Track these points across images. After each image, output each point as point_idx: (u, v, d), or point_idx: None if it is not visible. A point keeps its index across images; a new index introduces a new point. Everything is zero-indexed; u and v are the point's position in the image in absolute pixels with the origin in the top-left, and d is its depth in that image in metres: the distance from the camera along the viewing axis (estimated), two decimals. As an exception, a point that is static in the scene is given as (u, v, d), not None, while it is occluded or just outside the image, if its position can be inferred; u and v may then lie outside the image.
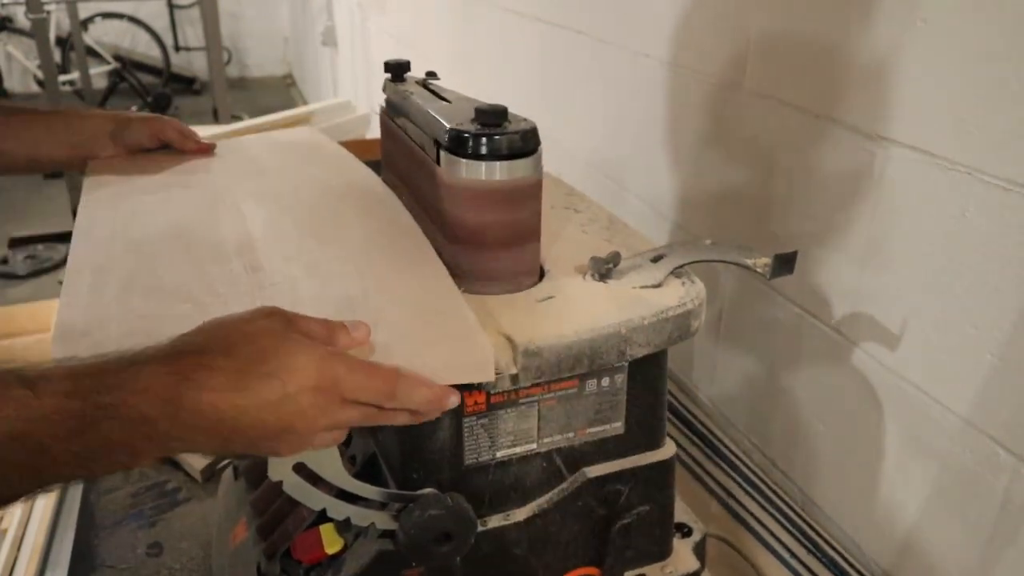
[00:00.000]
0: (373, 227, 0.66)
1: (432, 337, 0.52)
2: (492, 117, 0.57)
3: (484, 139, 0.56)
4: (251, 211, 0.68)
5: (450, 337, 0.52)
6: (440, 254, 0.62)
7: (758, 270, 0.60)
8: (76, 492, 0.96)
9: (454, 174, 0.58)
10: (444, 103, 0.65)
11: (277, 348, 0.45)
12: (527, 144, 0.57)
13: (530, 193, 0.59)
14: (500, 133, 0.56)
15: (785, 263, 0.60)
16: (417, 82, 0.74)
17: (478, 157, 0.56)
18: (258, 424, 0.44)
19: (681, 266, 0.62)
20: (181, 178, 0.77)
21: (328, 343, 0.48)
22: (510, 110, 0.58)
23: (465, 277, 0.60)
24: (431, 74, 0.76)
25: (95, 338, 0.49)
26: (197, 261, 0.59)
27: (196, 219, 0.66)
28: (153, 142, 0.82)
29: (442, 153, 0.58)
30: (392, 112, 0.75)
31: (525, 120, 0.58)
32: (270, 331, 0.45)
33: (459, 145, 0.56)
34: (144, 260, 0.59)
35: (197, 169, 0.79)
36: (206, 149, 0.84)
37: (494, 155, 0.56)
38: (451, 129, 0.57)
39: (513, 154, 0.56)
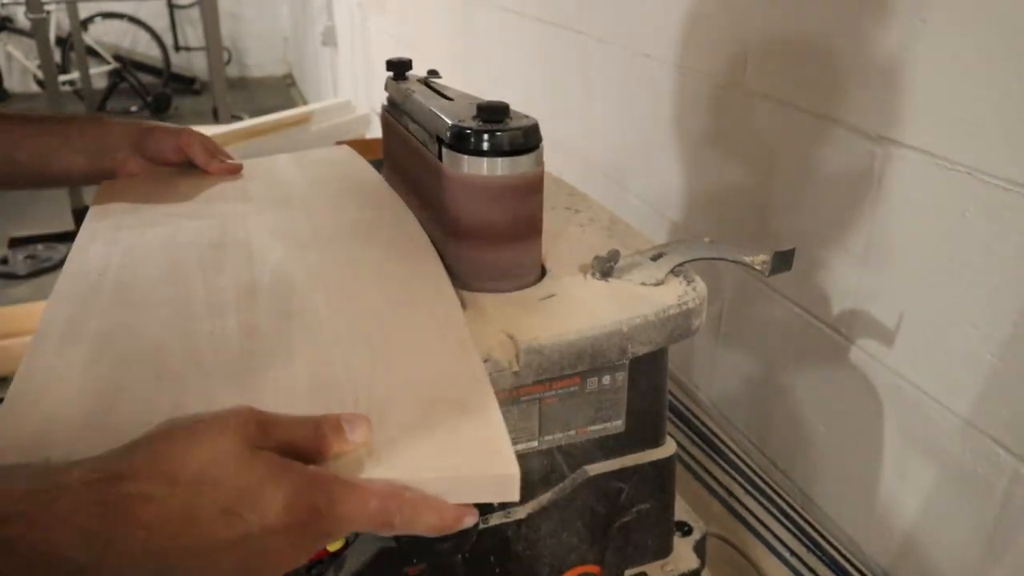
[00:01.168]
0: (398, 282, 0.57)
1: (449, 444, 0.41)
2: (494, 114, 0.57)
3: (486, 135, 0.56)
4: (261, 252, 0.61)
5: (471, 445, 0.42)
6: (442, 252, 0.62)
7: (757, 267, 0.60)
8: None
9: (456, 170, 0.58)
10: (446, 100, 0.66)
11: (240, 478, 0.35)
12: (529, 140, 0.57)
13: (532, 189, 0.59)
14: (502, 129, 0.56)
15: (783, 260, 0.60)
16: (419, 80, 0.74)
17: (480, 153, 0.56)
18: (213, 565, 0.35)
19: (681, 264, 0.62)
20: (194, 207, 0.70)
21: (315, 451, 0.39)
22: (512, 108, 0.59)
23: (466, 274, 0.60)
24: (433, 72, 0.76)
25: (45, 410, 0.43)
26: (187, 316, 0.52)
27: (198, 261, 0.59)
28: (177, 155, 0.76)
29: (444, 149, 0.58)
30: (394, 110, 0.75)
31: (527, 117, 0.58)
32: (231, 454, 0.35)
33: (461, 141, 0.57)
34: (127, 312, 0.52)
35: (214, 196, 0.72)
36: (231, 170, 0.77)
37: (496, 151, 0.56)
38: (453, 125, 0.57)
39: (515, 150, 0.56)
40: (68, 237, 3.05)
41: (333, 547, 0.61)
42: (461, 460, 0.41)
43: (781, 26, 0.84)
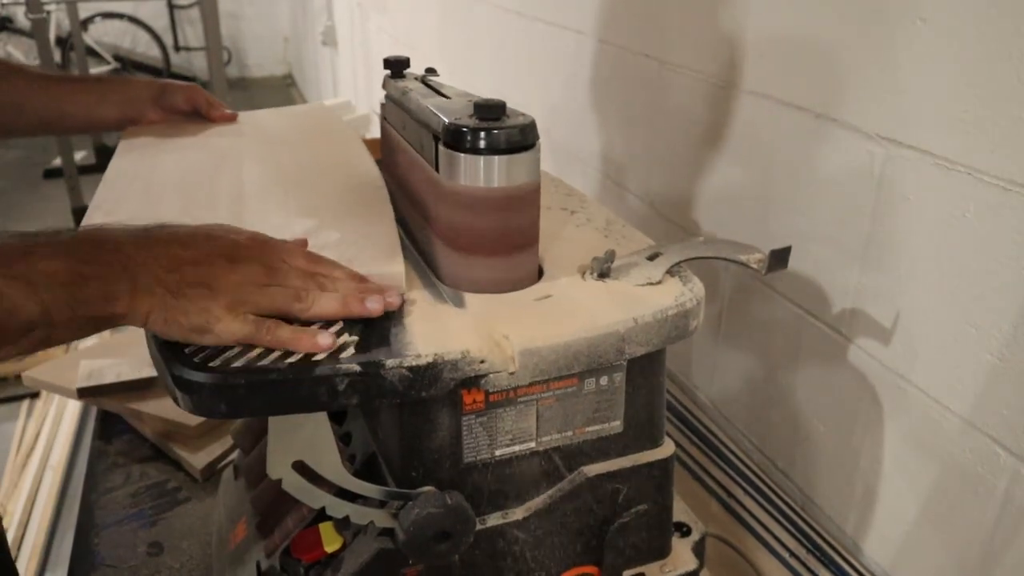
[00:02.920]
0: (348, 192, 0.75)
1: (358, 253, 0.61)
2: (491, 111, 0.57)
3: (483, 133, 0.56)
4: (249, 173, 0.78)
5: (372, 249, 0.62)
6: (435, 254, 0.62)
7: (753, 266, 0.60)
8: (77, 491, 0.96)
9: (452, 169, 0.58)
10: (443, 98, 0.65)
11: (228, 227, 0.56)
12: (526, 138, 0.57)
13: (529, 188, 0.59)
14: (499, 127, 0.56)
15: (780, 258, 0.60)
16: (416, 78, 0.74)
17: (476, 151, 0.56)
18: (201, 258, 0.52)
19: (678, 263, 0.62)
20: (199, 140, 0.89)
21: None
22: (509, 106, 0.58)
23: (461, 279, 0.60)
24: (430, 70, 0.76)
25: None
26: (191, 207, 0.69)
27: (201, 175, 0.77)
28: (188, 105, 0.93)
29: (440, 147, 0.58)
30: (391, 108, 0.75)
31: (523, 115, 0.58)
32: (231, 228, 0.56)
33: (458, 139, 0.56)
34: (149, 202, 0.71)
35: (215, 135, 0.91)
36: (229, 118, 0.95)
37: (493, 149, 0.56)
38: (449, 123, 0.57)
39: (512, 148, 0.56)
40: (68, 237, 3.05)
41: (331, 547, 0.61)
42: (366, 261, 0.59)
43: (781, 26, 0.84)
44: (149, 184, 0.75)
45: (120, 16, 5.45)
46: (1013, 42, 0.60)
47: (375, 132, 2.19)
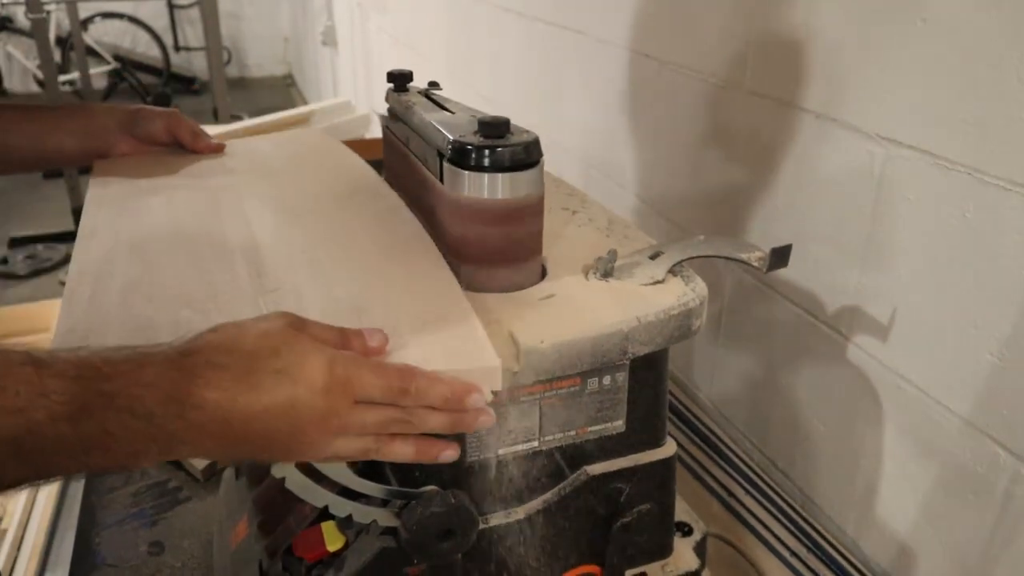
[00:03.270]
0: (378, 232, 0.66)
1: (441, 348, 0.50)
2: (495, 129, 0.57)
3: (487, 151, 0.56)
4: (256, 215, 0.67)
5: (458, 346, 0.51)
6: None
7: (754, 264, 0.60)
8: (77, 491, 0.96)
9: (457, 185, 0.58)
10: (447, 114, 0.66)
11: (289, 346, 0.44)
12: (530, 156, 0.57)
13: (532, 205, 0.59)
14: (503, 145, 0.56)
15: (780, 256, 0.60)
16: (419, 92, 0.75)
17: (481, 169, 0.56)
18: (268, 426, 0.42)
19: (680, 262, 0.62)
20: (187, 180, 0.76)
21: (341, 348, 0.47)
22: (509, 111, 0.59)
23: (465, 284, 0.60)
24: (433, 84, 0.76)
25: (94, 343, 0.48)
26: (200, 265, 0.58)
27: (200, 222, 0.66)
28: (165, 136, 0.81)
29: (445, 164, 0.58)
30: (394, 122, 0.75)
31: (527, 132, 0.58)
32: (282, 331, 0.44)
33: (462, 156, 0.57)
34: (146, 265, 0.59)
35: (203, 171, 0.78)
36: (216, 149, 0.83)
37: (497, 167, 0.56)
38: (454, 141, 0.57)
39: (516, 166, 0.57)
40: (68, 237, 3.06)
41: (334, 546, 0.61)
42: (454, 357, 0.49)
43: (781, 26, 0.84)
44: (139, 240, 0.63)
45: (120, 16, 5.44)
46: (1013, 42, 0.60)
47: (375, 132, 2.19)
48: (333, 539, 0.61)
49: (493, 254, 0.59)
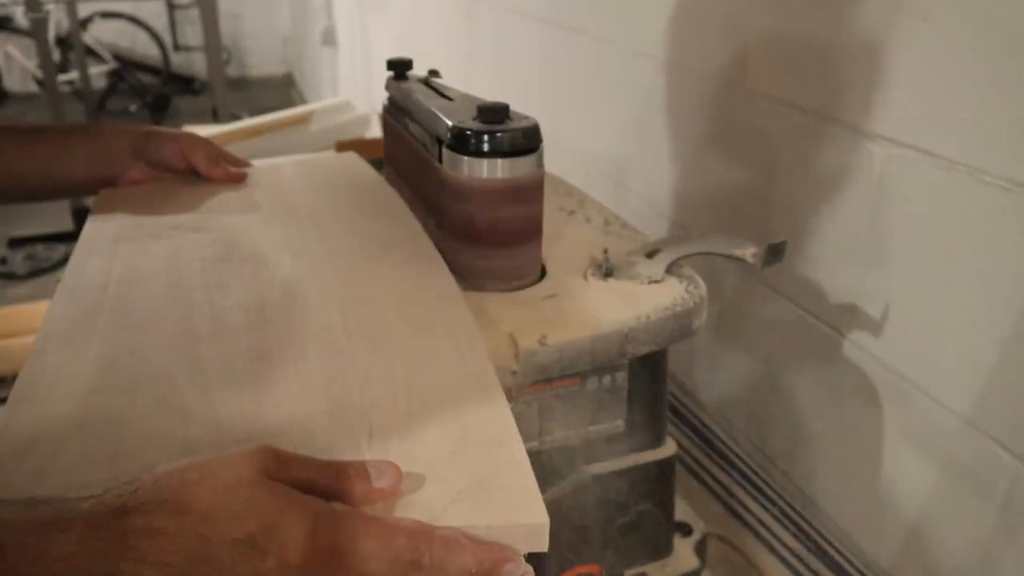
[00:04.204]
0: (415, 303, 0.54)
1: (477, 489, 0.38)
2: (494, 114, 0.57)
3: (486, 136, 0.56)
4: (269, 267, 0.58)
5: (501, 491, 0.38)
6: (441, 251, 0.62)
7: (749, 260, 0.61)
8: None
9: (456, 171, 0.58)
10: (446, 101, 0.66)
11: (258, 507, 0.33)
12: (529, 141, 0.57)
13: (532, 190, 0.59)
14: (502, 130, 0.56)
15: (775, 252, 0.61)
16: (419, 80, 0.74)
17: (480, 154, 0.56)
18: None
19: (677, 259, 0.62)
20: (196, 218, 0.67)
21: (337, 496, 0.36)
22: (512, 109, 0.59)
23: (466, 274, 0.60)
24: (433, 72, 0.76)
25: (43, 444, 0.40)
26: (192, 338, 0.49)
27: (203, 277, 0.57)
28: (179, 162, 0.74)
29: (444, 150, 0.58)
30: (394, 110, 0.75)
31: (527, 117, 0.58)
32: (251, 482, 0.33)
33: (461, 142, 0.57)
34: (130, 334, 0.50)
35: (217, 205, 0.70)
36: (234, 178, 0.74)
37: (496, 152, 0.56)
38: (453, 126, 0.57)
39: (515, 151, 0.57)
40: (68, 237, 3.05)
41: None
42: (490, 507, 0.37)
43: (781, 26, 0.84)
44: (128, 298, 0.54)
45: (119, 16, 5.44)
46: (1013, 42, 0.60)
47: (375, 132, 2.19)
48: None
49: (492, 238, 0.59)
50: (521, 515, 0.37)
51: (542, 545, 0.37)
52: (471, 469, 0.39)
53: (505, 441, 0.41)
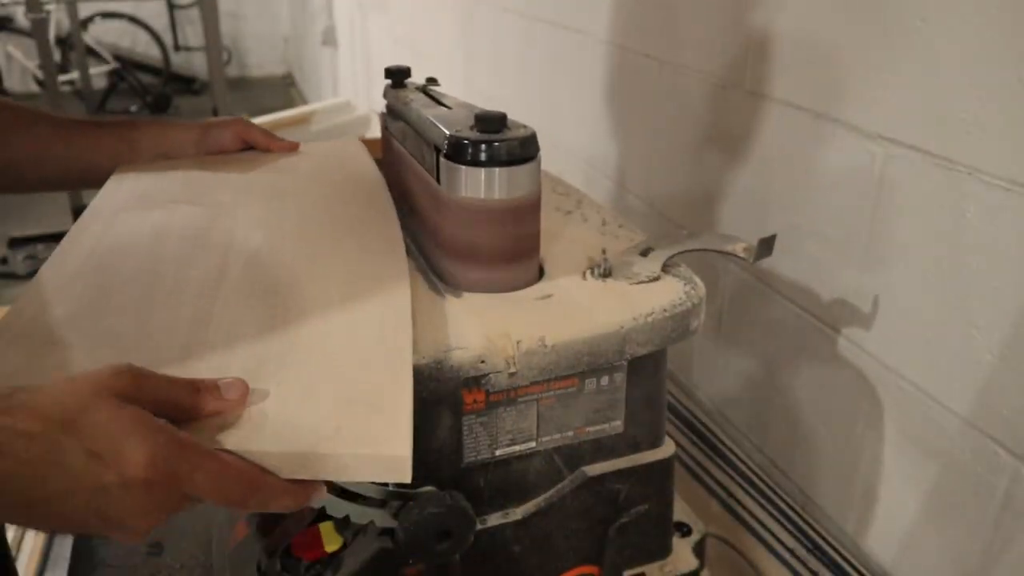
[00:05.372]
0: (358, 270, 0.60)
1: (350, 415, 0.43)
2: (491, 123, 0.57)
3: (484, 145, 0.56)
4: (240, 243, 0.63)
5: (370, 420, 0.43)
6: (437, 260, 0.62)
7: (741, 255, 0.61)
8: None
9: (454, 180, 0.58)
10: (444, 109, 0.66)
11: (110, 427, 0.37)
12: (526, 150, 0.57)
13: (529, 203, 0.59)
14: (499, 140, 0.56)
15: (766, 246, 0.61)
16: (417, 88, 0.74)
17: (477, 163, 0.56)
18: (72, 510, 0.37)
19: (671, 257, 0.62)
20: (196, 191, 0.73)
21: (190, 409, 0.41)
22: (510, 111, 0.59)
23: (462, 283, 0.60)
24: (431, 80, 0.76)
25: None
26: (148, 304, 0.54)
27: (178, 249, 0.62)
28: (236, 144, 0.81)
29: (441, 159, 0.58)
30: (392, 118, 0.75)
31: (524, 126, 0.58)
32: (105, 400, 0.38)
33: (459, 151, 0.57)
34: (98, 297, 0.55)
35: (216, 184, 0.75)
36: (291, 147, 0.83)
37: (493, 161, 0.56)
38: (451, 135, 0.57)
39: (512, 160, 0.56)
40: (68, 237, 3.05)
41: (332, 547, 0.61)
42: (357, 439, 0.42)
43: (781, 26, 0.84)
44: (108, 263, 0.60)
45: (120, 16, 5.44)
46: (1013, 42, 0.60)
47: (375, 132, 2.19)
48: (331, 540, 0.61)
49: (490, 250, 0.59)
50: (387, 446, 0.42)
51: (406, 475, 0.42)
52: (355, 402, 0.44)
53: (390, 408, 0.45)
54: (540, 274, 0.63)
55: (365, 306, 0.54)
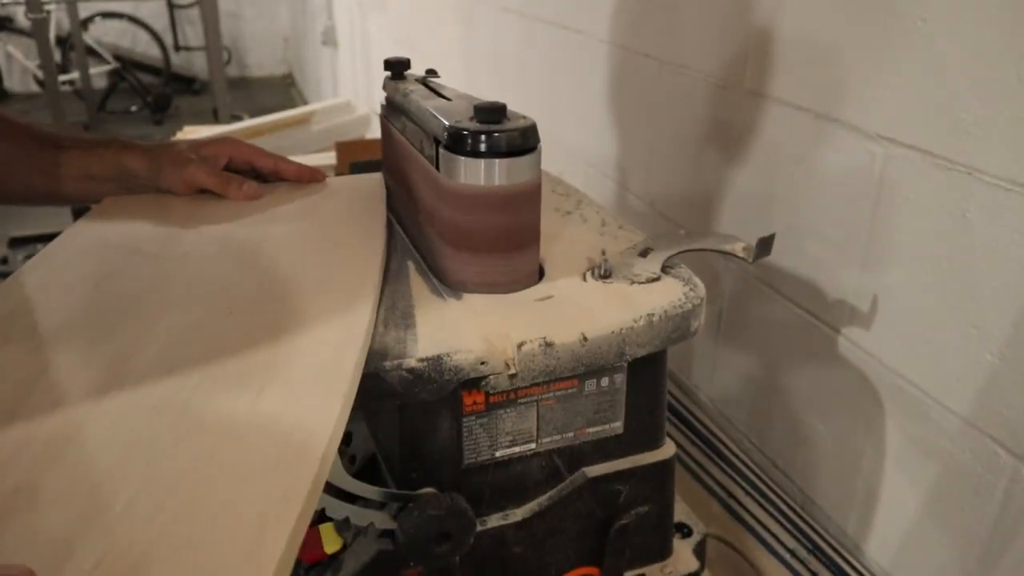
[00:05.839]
0: (323, 298, 0.56)
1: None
2: (491, 114, 0.57)
3: (483, 136, 0.56)
4: (169, 315, 0.55)
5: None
6: (437, 255, 0.62)
7: (740, 255, 0.61)
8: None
9: (453, 170, 0.57)
10: (443, 100, 0.65)
11: None
12: (526, 141, 0.57)
13: (530, 192, 0.59)
14: (499, 130, 0.56)
15: (765, 246, 0.61)
16: (417, 80, 0.74)
17: (477, 154, 0.56)
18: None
19: (671, 257, 0.62)
20: (161, 244, 0.67)
21: None
22: (509, 109, 0.58)
23: (462, 278, 0.60)
24: (431, 71, 0.75)
25: None
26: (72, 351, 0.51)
27: (105, 316, 0.56)
28: (187, 188, 0.77)
29: (440, 150, 0.58)
30: (391, 110, 0.75)
31: (524, 117, 0.58)
32: None
33: (458, 142, 0.56)
34: (21, 339, 0.52)
35: (206, 215, 0.72)
36: (251, 196, 0.76)
37: (493, 152, 0.56)
38: (450, 126, 0.57)
39: (512, 151, 0.56)
40: (68, 237, 3.05)
41: (331, 548, 0.61)
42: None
43: (781, 26, 0.84)
44: (47, 309, 0.57)
45: (120, 16, 5.45)
46: (1013, 42, 0.60)
47: (375, 132, 2.18)
48: (331, 541, 0.61)
49: (490, 238, 0.59)
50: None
51: None
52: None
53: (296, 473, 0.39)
54: (541, 275, 0.63)
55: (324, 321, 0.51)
